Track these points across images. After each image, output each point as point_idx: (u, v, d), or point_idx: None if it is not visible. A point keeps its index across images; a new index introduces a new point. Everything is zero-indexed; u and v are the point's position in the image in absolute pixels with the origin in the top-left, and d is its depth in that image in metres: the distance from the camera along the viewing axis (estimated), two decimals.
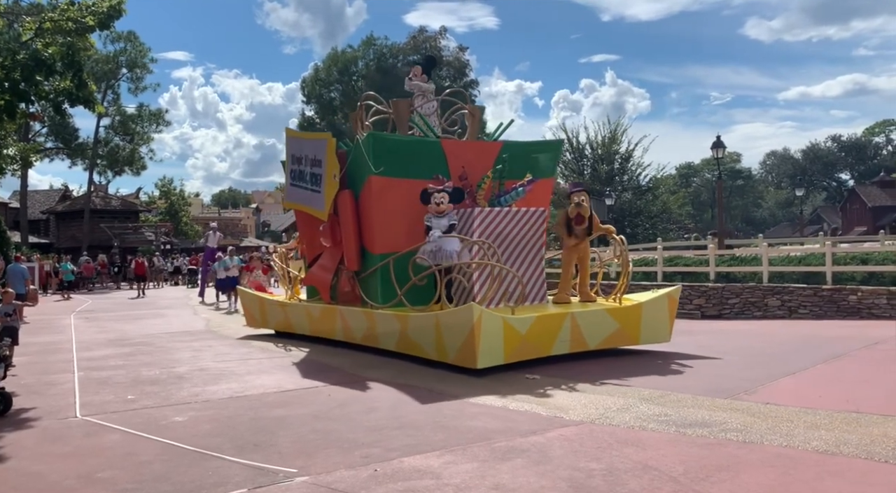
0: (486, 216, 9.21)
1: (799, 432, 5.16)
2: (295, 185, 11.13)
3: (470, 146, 10.53)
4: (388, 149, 9.67)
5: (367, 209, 9.86)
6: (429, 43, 52.14)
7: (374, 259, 9.75)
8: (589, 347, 8.71)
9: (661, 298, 9.53)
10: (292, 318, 11.71)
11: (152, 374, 8.59)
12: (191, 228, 60.36)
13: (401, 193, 9.54)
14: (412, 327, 8.70)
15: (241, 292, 13.96)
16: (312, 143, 10.80)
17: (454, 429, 5.54)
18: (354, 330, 9.95)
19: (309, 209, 10.77)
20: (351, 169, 10.05)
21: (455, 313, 8.06)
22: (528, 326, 8.14)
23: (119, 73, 48.08)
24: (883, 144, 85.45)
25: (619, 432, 5.35)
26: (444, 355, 8.17)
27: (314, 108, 54.93)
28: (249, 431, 5.67)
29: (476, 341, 7.57)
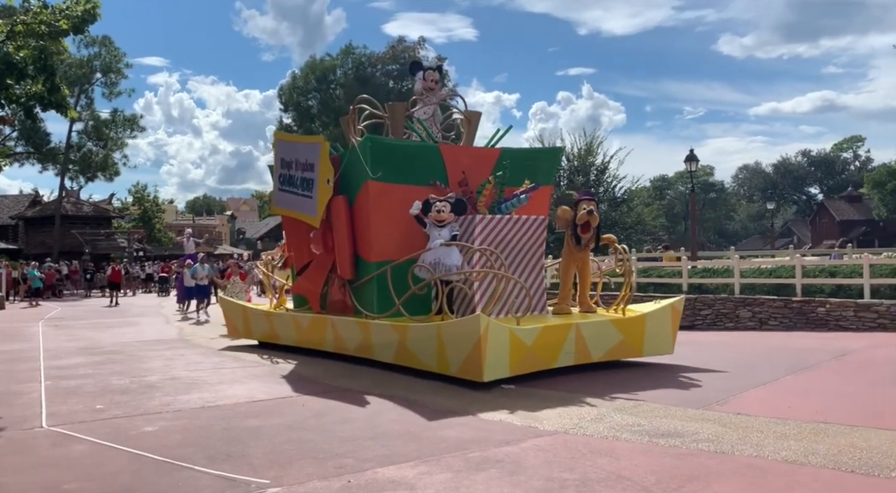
0: (487, 224, 8.98)
1: (769, 442, 5.23)
2: (284, 190, 10.76)
3: (469, 152, 10.25)
4: (386, 153, 9.42)
5: (362, 216, 9.56)
6: (407, 53, 52.23)
7: (370, 267, 9.46)
8: (593, 359, 8.48)
9: (665, 309, 9.35)
10: (278, 328, 11.30)
11: (122, 383, 8.45)
12: (164, 236, 59.60)
13: (398, 199, 9.25)
14: (412, 338, 8.39)
15: (223, 301, 13.43)
16: (304, 146, 10.44)
17: (428, 439, 5.53)
18: (347, 341, 9.60)
19: (299, 215, 10.38)
20: (345, 174, 9.79)
21: (460, 323, 7.79)
22: (533, 337, 7.89)
23: (93, 78, 47.51)
24: (851, 160, 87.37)
25: (592, 442, 5.38)
26: (445, 368, 7.87)
27: (292, 115, 54.72)
28: (221, 441, 5.59)
29: (483, 353, 7.27)
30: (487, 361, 7.33)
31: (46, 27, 15.35)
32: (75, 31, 16.36)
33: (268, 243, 65.33)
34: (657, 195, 79.00)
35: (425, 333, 8.19)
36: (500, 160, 9.87)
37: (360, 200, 9.60)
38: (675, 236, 72.67)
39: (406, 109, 10.57)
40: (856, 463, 4.67)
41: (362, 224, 9.58)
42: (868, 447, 5.02)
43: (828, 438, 5.32)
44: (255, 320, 12.03)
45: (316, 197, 9.88)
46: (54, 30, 15.51)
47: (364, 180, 9.35)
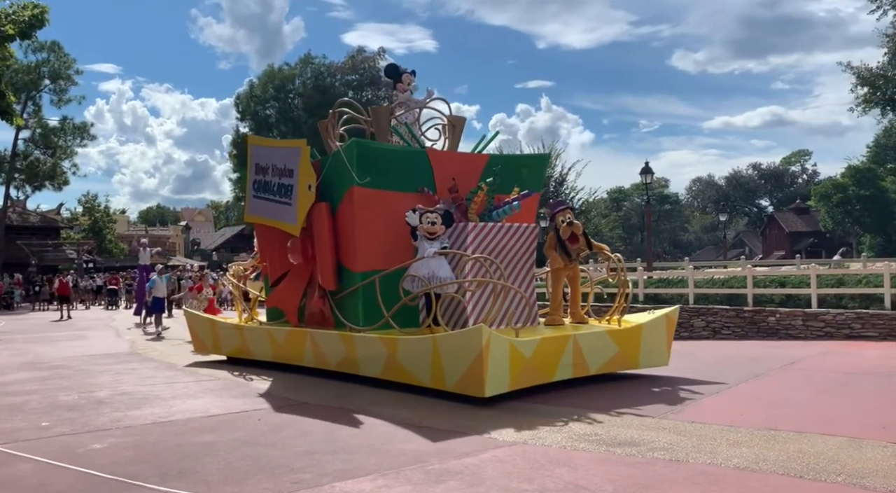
0: (479, 232, 8.67)
1: (722, 449, 5.34)
2: (259, 197, 10.21)
3: (457, 157, 9.83)
4: (372, 158, 8.96)
5: (346, 223, 9.09)
6: (367, 63, 52.28)
7: (355, 277, 8.99)
8: (590, 371, 8.21)
9: (660, 319, 9.14)
10: (251, 343, 10.70)
11: (70, 399, 8.17)
12: (115, 246, 58.13)
13: (385, 206, 8.87)
14: (403, 352, 7.96)
15: (189, 315, 12.72)
16: (282, 151, 9.95)
17: (387, 452, 5.48)
18: (328, 355, 9.09)
19: (276, 223, 9.86)
20: (326, 180, 9.31)
21: (459, 335, 7.38)
22: (532, 349, 7.55)
23: (41, 85, 46.18)
24: (798, 173, 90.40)
25: (550, 452, 5.40)
26: (441, 383, 7.50)
27: (249, 124, 54.08)
28: (174, 458, 5.45)
29: (484, 366, 6.89)
30: (489, 375, 6.97)
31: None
32: (22, 36, 15.94)
33: (223, 254, 64.28)
34: (614, 207, 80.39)
35: (419, 346, 7.80)
36: (488, 166, 9.54)
37: (343, 207, 9.13)
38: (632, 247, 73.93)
39: (390, 112, 10.18)
40: (804, 469, 4.79)
41: (346, 232, 9.12)
42: (816, 453, 5.16)
43: (778, 444, 5.45)
44: (224, 335, 11.40)
45: (295, 204, 9.39)
46: (0, 35, 15.05)
47: (349, 186, 8.91)
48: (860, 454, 5.13)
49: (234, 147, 53.64)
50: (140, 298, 20.71)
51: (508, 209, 9.06)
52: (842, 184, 56.06)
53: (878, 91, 27.29)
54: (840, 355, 10.99)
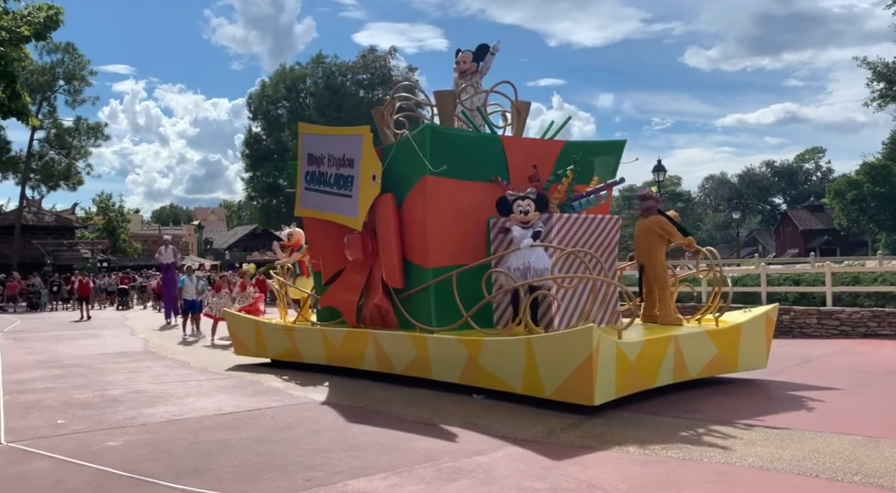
0: (564, 224, 8.07)
1: (736, 448, 5.30)
2: (312, 189, 9.54)
3: (531, 144, 9.10)
4: (446, 145, 8.29)
5: (415, 216, 8.42)
6: (378, 62, 52.30)
7: (426, 274, 8.35)
8: (690, 376, 7.61)
9: (759, 318, 8.52)
10: (302, 345, 9.96)
11: (85, 397, 8.24)
12: (129, 246, 58.57)
13: (457, 196, 8.28)
14: (487, 355, 7.32)
15: (229, 316, 11.92)
16: (341, 139, 9.23)
17: (400, 450, 5.49)
18: (394, 358, 8.44)
19: (333, 217, 9.21)
20: (390, 169, 8.62)
21: (564, 337, 6.67)
22: (637, 352, 6.96)
23: (56, 86, 46.64)
24: (812, 171, 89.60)
25: (564, 450, 5.38)
26: (536, 389, 6.87)
27: (261, 124, 54.25)
28: (188, 455, 5.48)
29: (594, 371, 6.30)
30: (598, 381, 6.40)
31: (7, 33, 15.07)
32: (37, 37, 16.08)
33: (236, 253, 64.57)
34: (626, 205, 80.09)
35: (508, 348, 7.11)
36: (563, 154, 8.91)
37: (412, 199, 8.46)
38: None
39: (455, 97, 9.40)
40: (819, 468, 4.75)
41: (415, 226, 8.45)
42: (832, 452, 5.11)
43: (793, 443, 5.40)
44: (270, 337, 10.62)
45: (357, 196, 8.75)
46: (15, 36, 15.22)
47: (420, 175, 8.24)
48: (877, 453, 5.08)
49: (246, 147, 53.84)
50: (168, 298, 19.90)
51: (594, 199, 8.48)
52: (857, 181, 55.49)
53: (894, 86, 26.96)
54: (855, 354, 10.88)
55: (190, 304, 16.68)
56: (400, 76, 52.55)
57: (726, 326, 8.25)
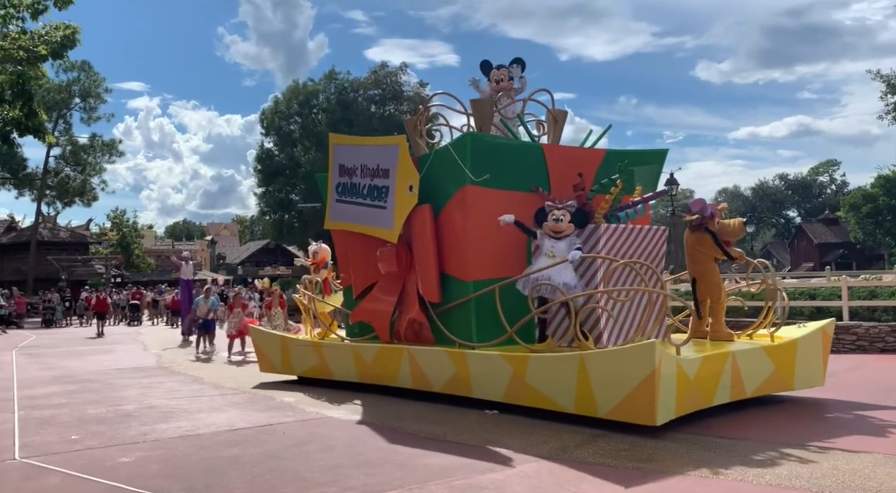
0: (612, 234, 7.80)
1: (753, 466, 5.22)
2: (344, 201, 9.27)
3: (572, 153, 8.79)
4: (487, 153, 8.05)
5: (454, 227, 8.16)
6: (390, 78, 52.63)
7: (465, 288, 8.05)
8: (746, 394, 7.26)
9: (815, 333, 8.16)
10: (332, 361, 9.63)
11: (98, 412, 8.26)
12: (143, 261, 59.01)
13: (497, 207, 7.91)
14: (535, 372, 6.98)
15: (255, 332, 11.60)
16: (375, 149, 8.97)
17: (412, 467, 5.45)
18: (431, 375, 8.13)
19: (366, 229, 8.94)
20: (427, 179, 8.37)
21: (621, 353, 6.35)
22: (696, 369, 6.62)
23: (71, 103, 47.31)
24: (826, 184, 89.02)
25: (577, 467, 5.32)
26: (589, 408, 6.54)
27: (273, 139, 54.66)
28: (200, 471, 5.47)
29: (656, 389, 5.99)
30: (661, 399, 6.08)
31: (25, 52, 15.29)
32: (54, 56, 16.34)
33: (248, 268, 64.86)
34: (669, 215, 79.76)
35: (559, 365, 6.79)
36: (604, 163, 8.63)
37: (450, 210, 8.22)
38: None
39: (493, 105, 9.11)
40: (838, 486, 4.66)
41: (453, 237, 8.19)
42: (850, 470, 5.02)
43: (810, 460, 5.31)
44: (297, 353, 10.29)
45: (392, 207, 8.50)
46: (33, 55, 15.46)
47: (460, 185, 8.02)
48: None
49: (259, 162, 54.24)
50: (185, 315, 19.47)
51: (641, 209, 8.27)
52: (872, 194, 55.08)
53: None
54: (874, 369, 10.73)
55: (202, 323, 16.50)
56: (411, 92, 52.89)
57: (782, 342, 7.85)
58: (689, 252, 8.37)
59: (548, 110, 9.41)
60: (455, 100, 9.53)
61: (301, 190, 52.21)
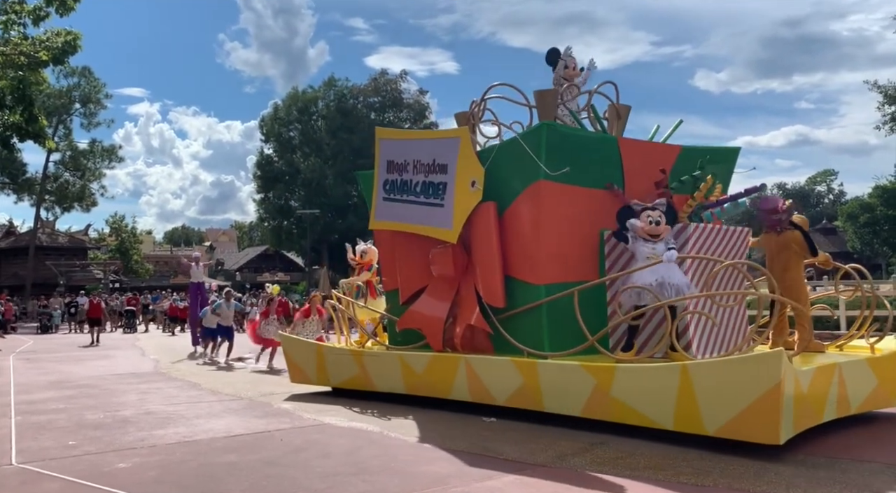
0: (701, 234, 7.30)
1: (749, 474, 5.22)
2: (392, 199, 8.66)
3: (648, 148, 8.25)
4: (563, 146, 7.42)
5: (523, 226, 7.57)
6: (389, 85, 52.84)
7: (535, 292, 7.43)
8: (851, 410, 6.66)
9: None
10: (374, 372, 8.92)
11: (96, 418, 8.26)
12: (141, 267, 58.97)
13: (571, 204, 7.42)
14: (623, 385, 6.37)
15: (285, 340, 10.83)
16: (431, 143, 8.46)
17: (410, 474, 5.45)
18: (492, 387, 7.48)
19: (419, 229, 8.32)
20: (489, 175, 7.76)
21: (738, 363, 5.81)
22: (808, 382, 6.04)
23: (72, 108, 47.42)
24: (825, 193, 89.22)
25: (575, 476, 5.33)
26: (692, 424, 5.96)
27: (273, 146, 54.83)
28: (197, 478, 5.47)
29: (779, 404, 5.44)
30: (784, 416, 5.52)
31: (26, 58, 15.34)
32: (55, 62, 16.39)
33: (247, 274, 64.82)
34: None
35: (657, 377, 6.20)
36: (679, 159, 8.11)
37: (518, 207, 7.63)
38: None
39: (557, 96, 8.41)
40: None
41: (521, 237, 7.59)
42: None
43: None
44: (334, 363, 9.54)
45: (451, 205, 7.90)
46: (34, 61, 15.51)
47: (531, 180, 7.41)
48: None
49: (258, 168, 54.32)
50: (194, 323, 17.87)
51: (730, 208, 7.82)
52: (869, 204, 55.16)
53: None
54: None
55: (220, 329, 15.41)
56: (411, 99, 53.04)
57: (883, 354, 7.21)
58: (776, 255, 7.64)
59: (611, 103, 8.80)
60: (516, 90, 8.85)
61: (300, 196, 52.34)
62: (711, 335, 7.15)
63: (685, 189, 7.74)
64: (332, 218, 51.14)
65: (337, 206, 50.45)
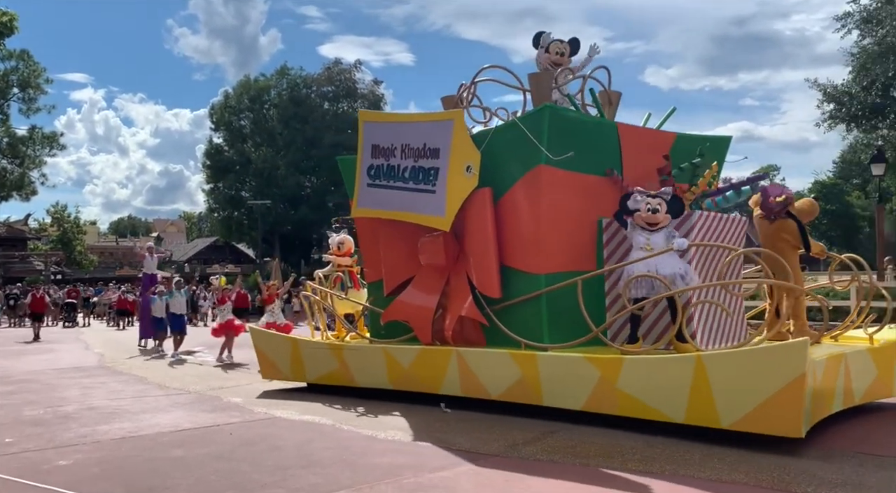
0: (706, 222, 7.06)
1: (694, 461, 5.36)
2: (377, 185, 8.24)
3: (646, 134, 7.97)
4: (565, 130, 7.16)
5: (521, 213, 7.27)
6: (343, 75, 52.20)
7: (534, 281, 7.14)
8: (855, 401, 6.60)
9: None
10: (356, 366, 8.47)
11: (35, 414, 7.96)
12: (85, 258, 57.17)
13: (570, 191, 7.18)
14: (631, 377, 6.14)
15: (256, 333, 10.19)
16: (422, 126, 7.97)
17: (362, 466, 5.43)
18: (487, 381, 7.19)
19: (408, 216, 7.92)
20: (486, 159, 7.39)
21: (761, 354, 5.63)
22: (821, 372, 5.90)
23: (9, 93, 45.38)
24: None
25: (526, 465, 5.39)
26: (706, 418, 5.74)
27: (223, 135, 53.63)
28: (143, 474, 5.33)
29: (802, 396, 5.25)
30: (806, 407, 5.36)
31: None
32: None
33: (196, 266, 63.43)
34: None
35: (668, 368, 6.02)
36: (675, 146, 7.85)
37: (515, 193, 7.32)
38: None
39: (552, 79, 8.11)
40: None
41: (520, 225, 7.30)
42: None
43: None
44: (312, 357, 9.06)
45: (444, 191, 7.54)
46: None
47: (532, 165, 7.11)
48: None
49: (208, 158, 53.14)
50: (144, 316, 17.05)
51: (732, 196, 7.63)
52: None
53: (843, 108, 27.88)
54: None
55: (176, 319, 14.93)
56: (366, 89, 52.56)
57: (881, 344, 7.10)
58: (769, 243, 7.53)
59: (604, 89, 8.49)
60: (509, 73, 8.58)
61: (251, 187, 51.45)
62: (713, 326, 7.00)
63: (684, 177, 7.53)
64: (284, 209, 50.40)
65: (289, 196, 49.73)
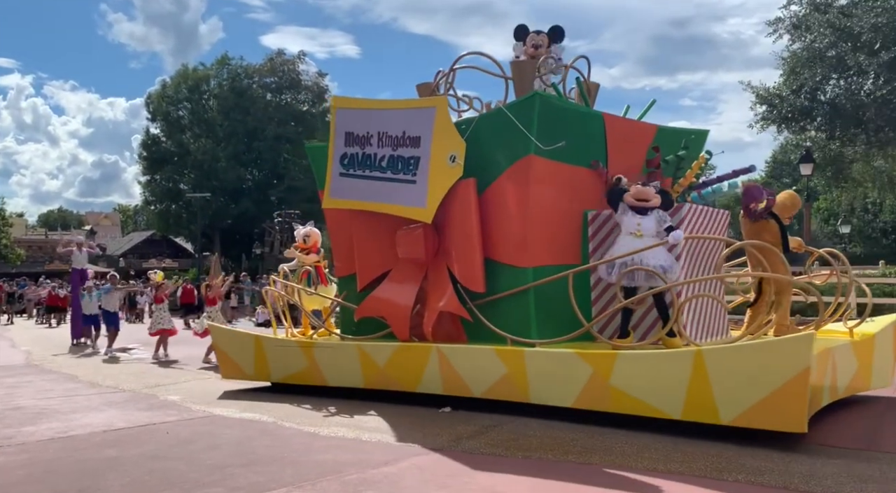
0: (695, 215, 7.03)
1: (632, 452, 5.49)
2: (351, 175, 7.85)
3: (630, 126, 7.86)
4: (554, 119, 6.97)
5: (508, 205, 7.07)
6: (287, 66, 51.33)
7: (521, 275, 6.95)
8: (839, 395, 6.56)
9: (888, 329, 7.39)
10: (326, 365, 8.09)
11: None
12: (11, 252, 54.65)
13: (558, 183, 7.03)
14: (625, 373, 5.96)
15: (217, 330, 9.76)
16: (401, 114, 7.61)
17: (304, 464, 5.35)
18: (470, 378, 6.92)
19: (386, 208, 7.57)
20: (470, 148, 7.14)
21: (762, 348, 5.54)
22: (814, 366, 5.65)
23: None
24: None
25: (470, 458, 5.41)
26: (704, 414, 5.60)
27: (160, 125, 52.04)
28: (73, 476, 5.12)
29: (806, 391, 5.12)
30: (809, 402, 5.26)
31: None
32: None
33: (131, 261, 61.42)
34: None
35: (665, 364, 5.85)
36: (656, 139, 7.75)
37: (501, 184, 7.10)
38: None
39: (535, 68, 7.90)
40: None
41: (507, 216, 7.08)
42: None
43: None
44: (278, 355, 8.63)
45: (425, 181, 7.25)
46: None
47: (520, 155, 6.91)
48: None
49: (144, 149, 51.48)
50: (77, 313, 16.48)
51: (718, 188, 7.46)
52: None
53: (774, 110, 28.97)
54: None
55: (109, 316, 14.68)
56: (310, 81, 51.80)
57: (860, 338, 7.10)
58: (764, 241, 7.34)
59: (584, 80, 8.38)
60: (490, 60, 8.39)
61: (190, 179, 50.14)
62: (699, 320, 7.00)
63: (669, 169, 7.48)
64: (224, 202, 49.27)
65: (229, 189, 48.67)
